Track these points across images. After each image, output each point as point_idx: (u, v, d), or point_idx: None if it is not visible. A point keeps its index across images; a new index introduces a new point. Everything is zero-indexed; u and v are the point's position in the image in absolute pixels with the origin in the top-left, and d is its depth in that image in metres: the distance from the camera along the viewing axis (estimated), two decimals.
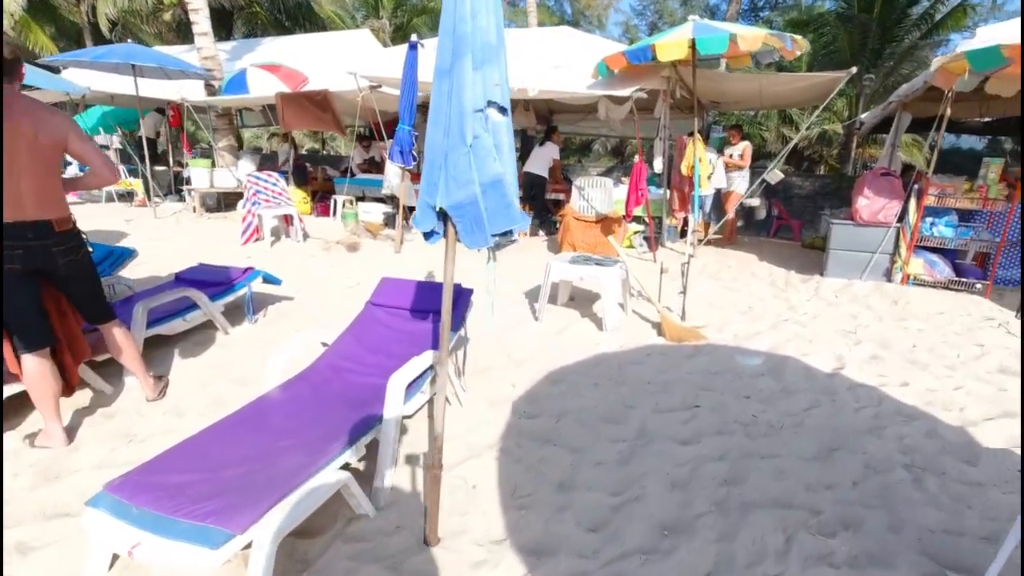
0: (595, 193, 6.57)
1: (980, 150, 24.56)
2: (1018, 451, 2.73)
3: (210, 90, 8.20)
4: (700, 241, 7.24)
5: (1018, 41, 4.41)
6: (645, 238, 6.84)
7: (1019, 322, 4.71)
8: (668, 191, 7.29)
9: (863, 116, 9.39)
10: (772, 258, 7.01)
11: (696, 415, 3.00)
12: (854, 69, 6.16)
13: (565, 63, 7.13)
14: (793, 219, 9.62)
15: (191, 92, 8.09)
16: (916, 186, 5.25)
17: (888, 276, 5.51)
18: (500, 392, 3.20)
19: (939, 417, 3.06)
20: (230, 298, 3.97)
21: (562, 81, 6.45)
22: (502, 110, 1.81)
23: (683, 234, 7.55)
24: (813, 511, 2.28)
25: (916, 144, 19.27)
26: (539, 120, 10.15)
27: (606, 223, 6.06)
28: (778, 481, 2.47)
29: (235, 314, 4.14)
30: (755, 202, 7.87)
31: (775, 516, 2.23)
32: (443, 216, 1.89)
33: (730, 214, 7.26)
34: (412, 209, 5.64)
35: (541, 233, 8.12)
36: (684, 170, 6.48)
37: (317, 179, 9.61)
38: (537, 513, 2.23)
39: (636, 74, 6.29)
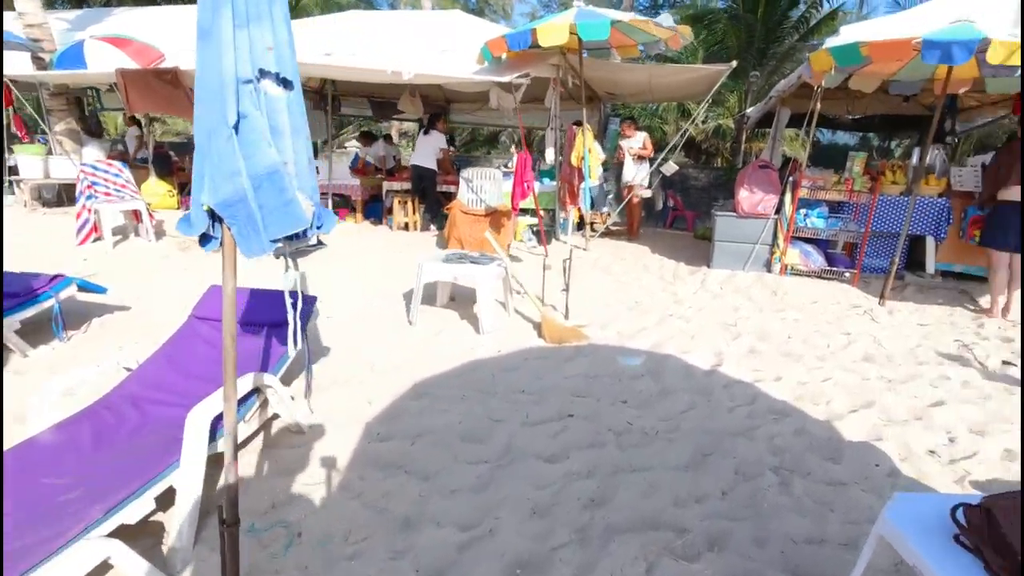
0: (484, 185, 6.29)
1: (853, 145, 26.78)
2: (879, 444, 2.74)
3: (39, 64, 7.04)
4: (595, 234, 7.17)
5: (877, 39, 4.59)
6: (535, 232, 6.65)
7: (882, 308, 4.97)
8: (559, 183, 7.16)
9: (749, 111, 9.79)
10: (665, 250, 7.07)
11: (567, 426, 2.78)
12: (734, 63, 6.28)
13: (454, 48, 6.76)
14: (688, 210, 9.88)
15: (17, 66, 6.90)
16: (791, 179, 5.41)
17: (768, 267, 5.65)
18: (353, 411, 2.82)
19: (808, 412, 3.04)
20: (31, 312, 3.28)
21: (444, 66, 6.09)
22: (283, 82, 1.44)
23: (580, 227, 7.47)
24: (679, 530, 2.11)
25: (797, 138, 20.76)
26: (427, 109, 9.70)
27: (495, 217, 5.80)
28: (647, 498, 2.29)
29: (44, 331, 3.47)
30: (647, 193, 7.92)
31: (639, 541, 2.04)
32: (215, 217, 1.49)
33: (628, 204, 7.23)
34: None
35: (433, 228, 7.74)
36: (574, 161, 6.34)
37: (184, 170, 8.63)
38: (369, 562, 1.90)
39: (524, 61, 6.05)
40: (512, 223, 5.98)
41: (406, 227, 7.67)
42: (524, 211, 6.52)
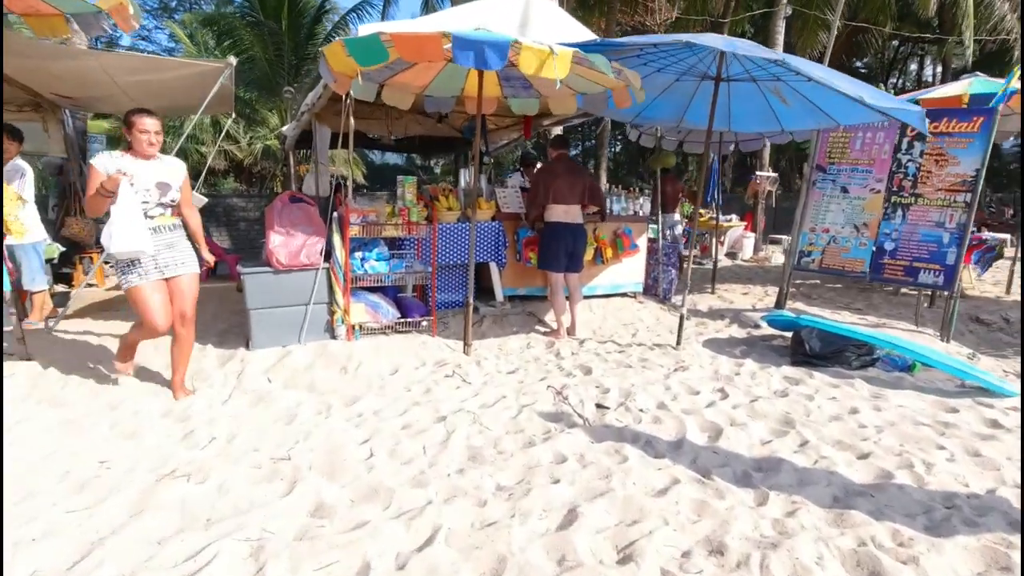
0: None
1: (404, 166, 28.30)
2: None
3: None
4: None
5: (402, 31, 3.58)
6: None
7: (469, 360, 4.13)
8: None
9: (284, 129, 8.24)
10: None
11: None
12: (233, 59, 4.54)
13: None
14: (229, 253, 7.68)
15: None
16: (336, 214, 4.03)
17: (332, 331, 4.17)
18: None
19: None
20: None
21: None
22: None
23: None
24: None
25: (356, 162, 20.74)
26: None
27: None
28: None
29: None
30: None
31: None
32: None
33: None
34: None
35: None
36: None
37: None
38: None
39: None
40: None
41: None
42: None
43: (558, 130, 7.93)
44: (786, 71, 4.26)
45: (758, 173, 10.15)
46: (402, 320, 4.38)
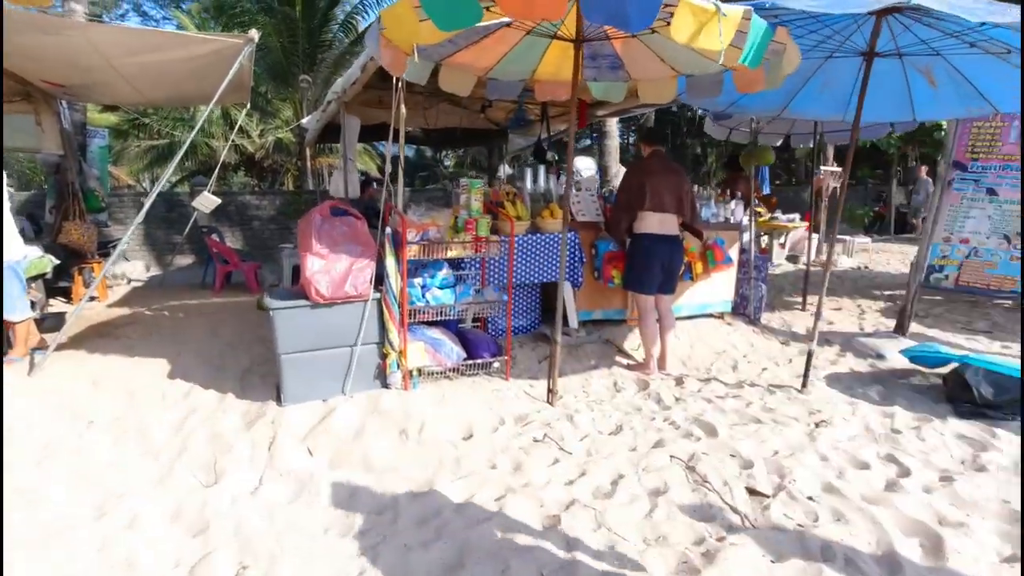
0: None
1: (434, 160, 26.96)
2: None
3: None
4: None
5: None
6: None
7: (555, 413, 3.25)
8: None
9: (304, 121, 7.37)
10: (195, 357, 3.98)
11: None
12: (255, 33, 3.66)
13: None
14: (246, 263, 6.83)
15: None
16: (389, 230, 3.14)
17: (384, 379, 3.30)
18: None
19: None
20: None
21: None
22: None
23: None
24: None
25: (368, 153, 19.84)
26: None
27: None
28: None
29: None
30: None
31: None
32: None
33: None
34: None
35: None
36: None
37: None
38: None
39: None
40: None
41: None
42: None
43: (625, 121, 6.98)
44: (958, 43, 3.33)
45: (822, 168, 9.19)
46: (471, 361, 3.49)
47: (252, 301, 6.00)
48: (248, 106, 5.74)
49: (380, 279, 3.19)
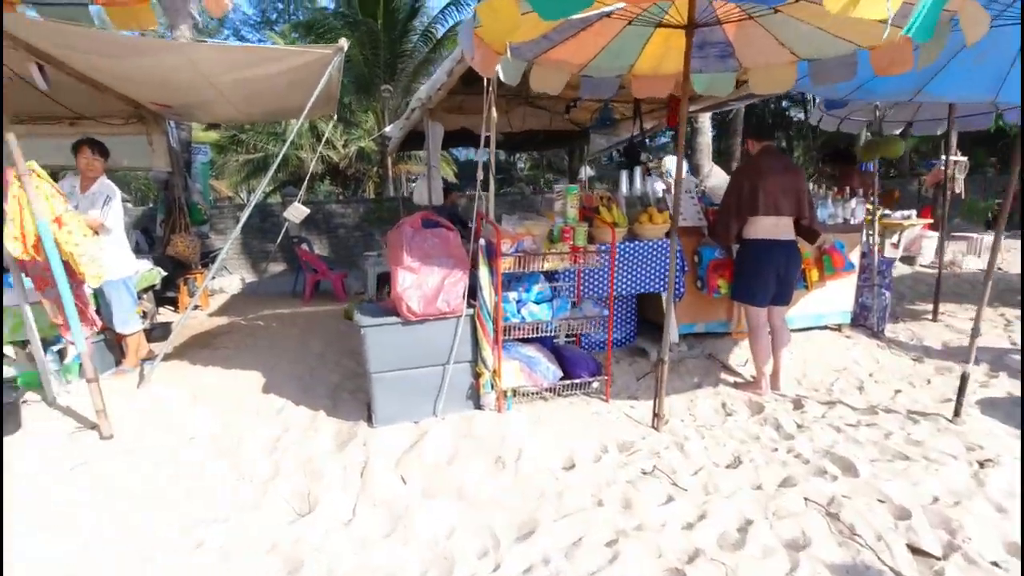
0: None
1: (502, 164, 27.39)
2: None
3: None
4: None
5: None
6: None
7: (663, 439, 2.94)
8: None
9: (387, 130, 7.41)
10: (288, 370, 3.98)
11: None
12: (345, 42, 3.61)
13: None
14: (334, 271, 6.95)
15: None
16: (482, 241, 2.95)
17: (476, 400, 3.12)
18: None
19: None
20: None
21: None
22: None
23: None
24: None
25: (444, 159, 20.09)
26: None
27: None
28: None
29: None
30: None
31: None
32: None
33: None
34: None
35: None
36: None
37: None
38: None
39: None
40: None
41: None
42: None
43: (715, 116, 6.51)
44: None
45: (949, 158, 8.16)
46: (568, 381, 3.24)
47: (339, 310, 6.07)
48: (335, 117, 5.80)
49: (472, 292, 3.01)
